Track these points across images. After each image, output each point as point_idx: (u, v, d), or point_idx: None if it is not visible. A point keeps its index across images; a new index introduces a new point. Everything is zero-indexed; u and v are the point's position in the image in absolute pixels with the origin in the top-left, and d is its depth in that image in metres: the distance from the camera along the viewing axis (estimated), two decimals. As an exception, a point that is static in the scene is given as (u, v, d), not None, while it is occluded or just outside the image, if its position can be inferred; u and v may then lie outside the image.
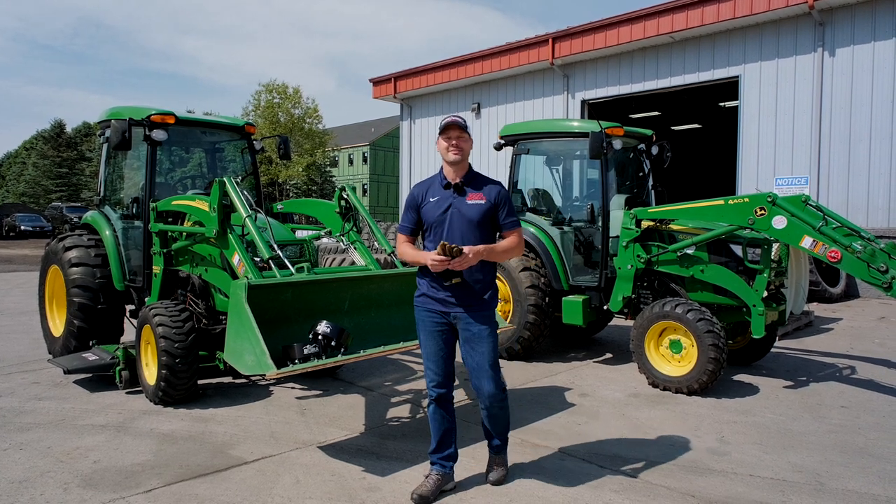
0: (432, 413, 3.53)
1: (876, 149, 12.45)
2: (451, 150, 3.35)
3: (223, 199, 4.87)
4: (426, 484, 3.48)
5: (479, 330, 3.38)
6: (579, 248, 6.95)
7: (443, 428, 3.53)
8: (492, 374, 3.40)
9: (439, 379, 3.46)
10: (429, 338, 3.45)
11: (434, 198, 3.42)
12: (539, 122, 7.90)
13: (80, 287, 5.94)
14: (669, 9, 14.27)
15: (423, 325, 3.48)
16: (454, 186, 3.40)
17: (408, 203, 3.51)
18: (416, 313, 3.51)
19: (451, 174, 3.42)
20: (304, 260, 5.45)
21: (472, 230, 3.35)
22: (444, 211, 3.37)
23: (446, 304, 3.40)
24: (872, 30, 12.46)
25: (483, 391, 3.43)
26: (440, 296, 3.40)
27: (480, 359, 3.39)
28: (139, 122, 5.82)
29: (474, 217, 3.35)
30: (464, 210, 3.36)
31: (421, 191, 3.49)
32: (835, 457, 4.15)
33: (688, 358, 5.58)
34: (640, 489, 3.62)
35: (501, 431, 3.64)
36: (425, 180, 3.56)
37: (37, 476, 3.71)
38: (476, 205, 3.37)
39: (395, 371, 6.38)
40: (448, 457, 3.57)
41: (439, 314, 3.43)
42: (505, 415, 3.58)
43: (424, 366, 3.52)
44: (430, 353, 3.46)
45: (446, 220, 3.36)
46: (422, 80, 20.16)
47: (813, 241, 5.26)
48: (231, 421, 4.74)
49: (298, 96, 42.48)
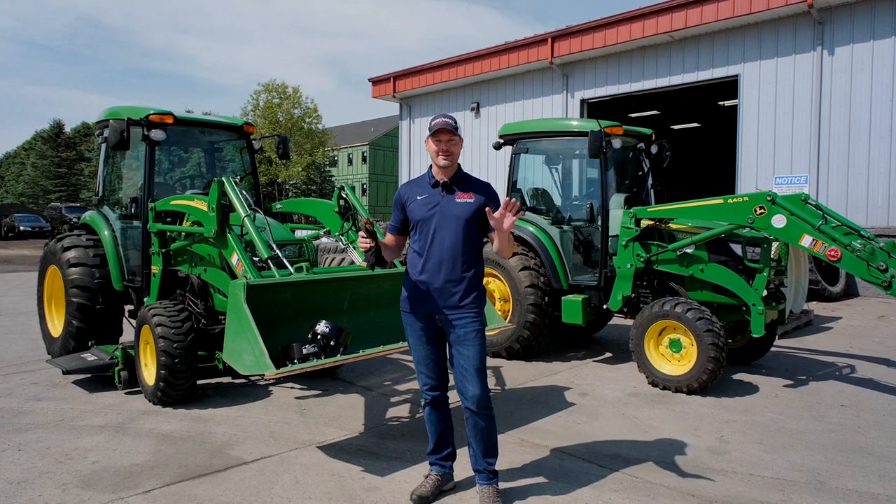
0: (428, 415, 3.50)
1: (875, 147, 12.45)
2: (440, 154, 3.31)
3: (222, 198, 4.86)
4: (425, 484, 3.47)
5: (464, 332, 3.29)
6: (579, 248, 6.94)
7: (439, 430, 3.50)
8: (477, 378, 3.28)
9: (432, 382, 3.43)
10: (417, 342, 3.41)
11: (421, 196, 3.38)
12: (538, 122, 7.90)
13: (79, 287, 5.94)
14: (668, 8, 14.27)
15: (410, 329, 3.43)
16: (443, 185, 3.36)
17: (394, 202, 3.50)
18: (403, 318, 3.46)
19: (439, 174, 3.38)
20: (302, 260, 5.44)
21: (459, 228, 3.29)
22: (430, 209, 3.34)
23: (431, 306, 3.33)
24: (871, 28, 12.46)
25: (467, 394, 3.30)
26: (425, 299, 3.34)
27: (465, 362, 3.29)
28: (138, 122, 5.81)
29: (462, 215, 3.30)
30: (452, 209, 3.32)
31: (407, 190, 3.46)
32: (835, 456, 4.15)
33: (687, 357, 5.57)
34: (640, 488, 3.62)
35: (489, 448, 3.37)
36: (413, 179, 3.54)
37: (35, 477, 3.70)
38: (465, 203, 3.32)
39: (394, 371, 6.37)
40: (446, 457, 3.55)
41: (425, 317, 3.37)
42: (491, 428, 3.36)
43: (416, 370, 3.48)
44: (421, 357, 3.42)
45: (433, 218, 3.32)
46: (421, 80, 20.16)
47: (812, 239, 5.25)
48: (230, 421, 4.73)
49: (298, 96, 42.49)
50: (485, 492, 3.35)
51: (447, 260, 3.29)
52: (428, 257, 3.32)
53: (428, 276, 3.32)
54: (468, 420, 3.36)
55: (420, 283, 3.34)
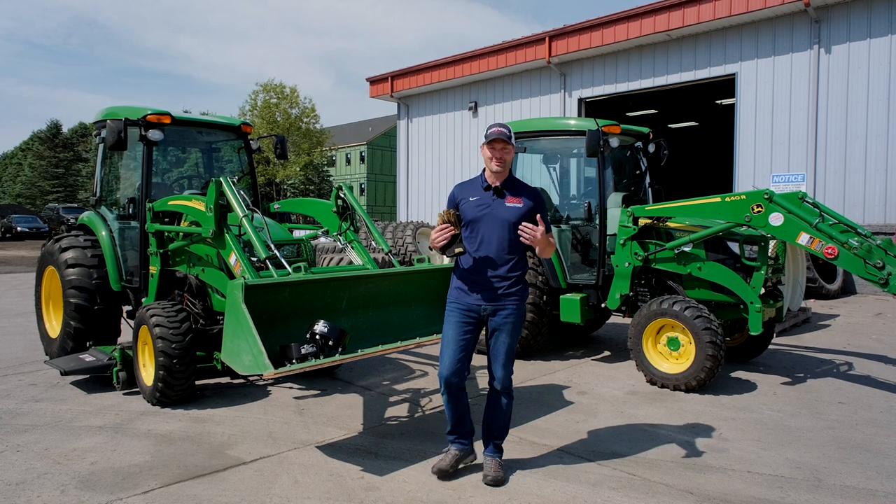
0: (446, 400, 3.74)
1: (872, 145, 12.48)
2: (494, 161, 3.60)
3: (220, 198, 4.85)
4: (445, 459, 3.76)
5: (503, 322, 3.63)
6: (577, 247, 6.95)
7: (457, 412, 3.76)
8: (504, 362, 3.67)
9: (454, 368, 3.64)
10: (454, 327, 3.67)
11: (473, 197, 3.68)
12: (536, 121, 7.89)
13: (77, 288, 5.92)
14: (666, 6, 14.28)
15: (450, 316, 3.71)
16: (494, 189, 3.66)
17: (449, 200, 3.80)
18: (448, 305, 3.74)
19: (492, 179, 3.67)
20: (301, 259, 5.44)
21: (506, 230, 3.58)
22: (481, 210, 3.63)
23: (477, 298, 3.63)
24: (868, 27, 12.48)
25: (496, 375, 3.69)
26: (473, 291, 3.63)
27: (500, 347, 3.66)
28: (135, 122, 5.80)
29: (510, 218, 3.58)
30: (501, 211, 3.61)
31: (461, 191, 3.77)
32: (832, 453, 4.16)
33: (686, 355, 5.58)
34: (639, 486, 3.62)
35: (500, 427, 3.75)
36: (466, 181, 3.85)
37: (34, 478, 3.70)
38: (514, 207, 3.61)
39: (393, 370, 6.37)
40: (465, 435, 3.82)
41: (469, 307, 3.65)
42: (509, 408, 3.75)
43: (441, 354, 3.70)
44: (449, 340, 3.66)
45: (483, 219, 3.61)
46: (419, 79, 20.16)
47: (810, 237, 5.27)
48: (229, 421, 4.73)
49: (296, 96, 42.43)
50: (490, 463, 3.71)
51: (494, 258, 3.60)
52: (477, 254, 3.62)
53: (476, 271, 3.62)
54: (491, 397, 3.75)
55: (468, 277, 3.65)
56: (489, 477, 3.63)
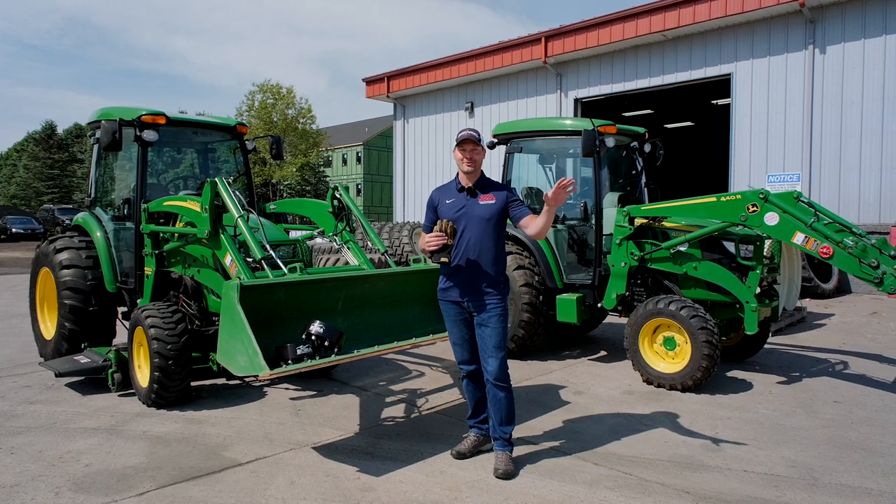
0: (465, 386, 4.07)
1: (867, 145, 12.53)
2: (465, 161, 3.86)
3: (215, 199, 4.84)
4: (464, 443, 4.03)
5: (487, 316, 3.81)
6: (573, 246, 6.95)
7: (476, 397, 4.03)
8: (494, 354, 3.80)
9: (467, 358, 3.98)
10: (453, 325, 3.96)
11: (449, 200, 3.91)
12: (532, 121, 7.90)
13: (72, 289, 5.90)
14: (661, 7, 14.32)
15: (446, 314, 3.98)
16: (467, 190, 3.89)
17: (427, 205, 4.05)
18: (440, 305, 4.01)
19: (465, 180, 3.91)
20: (296, 260, 5.42)
21: (483, 226, 3.81)
22: (458, 211, 3.85)
23: (461, 294, 3.85)
24: (862, 27, 12.53)
25: (488, 368, 3.83)
26: (456, 288, 3.86)
27: (487, 341, 3.82)
28: (130, 123, 5.77)
29: (485, 215, 3.82)
30: (476, 210, 3.83)
31: (438, 194, 4.02)
32: (828, 451, 4.17)
33: (682, 355, 5.59)
34: (635, 486, 3.63)
35: (503, 420, 3.85)
36: (443, 185, 4.09)
37: (28, 480, 3.68)
38: (488, 205, 3.84)
39: (389, 371, 6.37)
40: (483, 420, 4.05)
41: (457, 303, 3.90)
42: (508, 400, 3.86)
43: (453, 349, 4.02)
44: (456, 338, 3.98)
45: (461, 219, 3.84)
46: (415, 80, 20.16)
47: (805, 237, 5.28)
48: (225, 422, 4.72)
49: (292, 97, 42.38)
50: (499, 457, 3.82)
51: (473, 255, 3.80)
52: (457, 253, 3.82)
53: (458, 269, 3.83)
54: (489, 391, 3.88)
55: (452, 275, 3.87)
56: (500, 471, 3.73)
